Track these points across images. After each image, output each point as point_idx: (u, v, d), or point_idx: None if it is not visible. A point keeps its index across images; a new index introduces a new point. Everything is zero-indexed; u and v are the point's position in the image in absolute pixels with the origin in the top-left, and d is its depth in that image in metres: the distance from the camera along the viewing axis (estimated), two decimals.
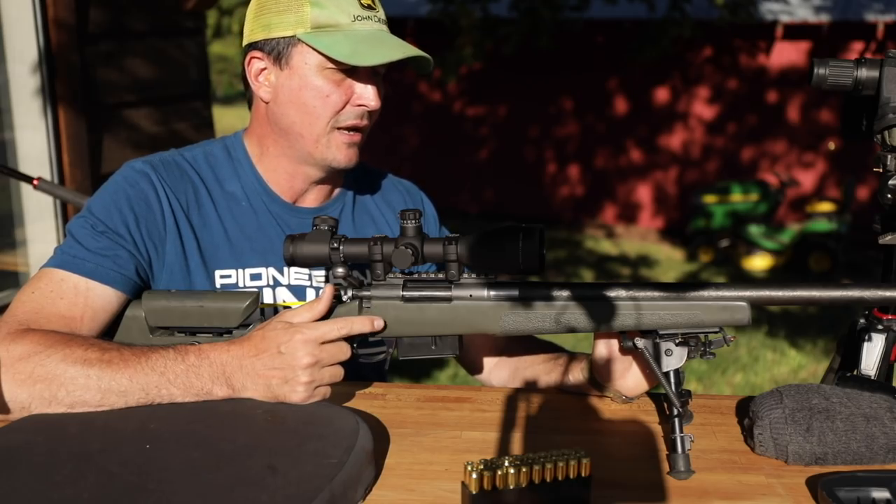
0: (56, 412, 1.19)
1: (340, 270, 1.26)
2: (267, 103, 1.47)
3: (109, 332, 1.36)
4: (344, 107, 1.42)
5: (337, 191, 1.59)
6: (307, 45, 1.39)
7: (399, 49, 1.39)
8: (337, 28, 1.39)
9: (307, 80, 1.41)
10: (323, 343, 1.23)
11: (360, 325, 1.26)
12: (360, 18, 1.40)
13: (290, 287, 1.49)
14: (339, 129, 1.43)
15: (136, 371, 1.20)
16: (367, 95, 1.42)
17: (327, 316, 1.27)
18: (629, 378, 1.32)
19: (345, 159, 1.45)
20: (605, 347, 1.32)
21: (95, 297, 1.33)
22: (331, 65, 1.39)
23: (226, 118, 13.82)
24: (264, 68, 1.45)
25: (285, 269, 1.49)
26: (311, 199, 1.55)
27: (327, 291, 1.27)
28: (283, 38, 1.41)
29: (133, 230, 1.39)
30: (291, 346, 1.21)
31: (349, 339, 1.27)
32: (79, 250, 1.35)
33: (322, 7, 1.38)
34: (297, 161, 1.48)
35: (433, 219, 1.68)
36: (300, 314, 1.25)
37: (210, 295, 1.35)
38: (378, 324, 1.27)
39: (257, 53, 1.44)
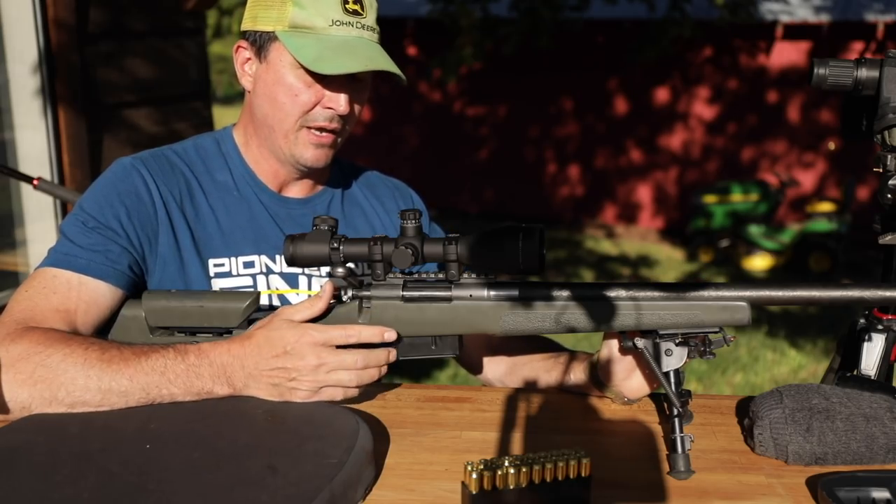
0: (56, 412, 1.20)
1: (341, 270, 1.26)
2: (249, 93, 1.51)
3: (105, 329, 1.36)
4: (313, 107, 1.44)
5: (324, 183, 1.61)
6: (282, 42, 1.41)
7: (363, 61, 1.39)
8: (311, 31, 1.40)
9: (281, 76, 1.43)
10: (331, 347, 1.24)
11: (369, 334, 1.26)
12: (338, 24, 1.41)
13: (282, 275, 1.51)
14: (308, 128, 1.45)
15: (137, 371, 1.20)
16: (338, 101, 1.43)
17: (326, 313, 1.27)
18: (633, 380, 1.32)
19: (312, 158, 1.47)
20: (612, 348, 1.32)
21: (88, 292, 1.34)
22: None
23: (226, 118, 13.78)
24: (249, 58, 1.49)
25: (277, 256, 1.51)
26: (297, 190, 1.57)
27: (327, 289, 1.27)
28: (265, 32, 1.44)
29: (125, 224, 1.39)
30: (299, 348, 1.22)
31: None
32: (70, 248, 1.36)
33: (302, 7, 1.40)
34: (272, 153, 1.51)
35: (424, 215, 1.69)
36: (301, 311, 1.26)
37: (210, 295, 1.35)
38: (389, 335, 1.26)
39: (244, 43, 1.49)
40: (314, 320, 1.26)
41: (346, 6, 1.41)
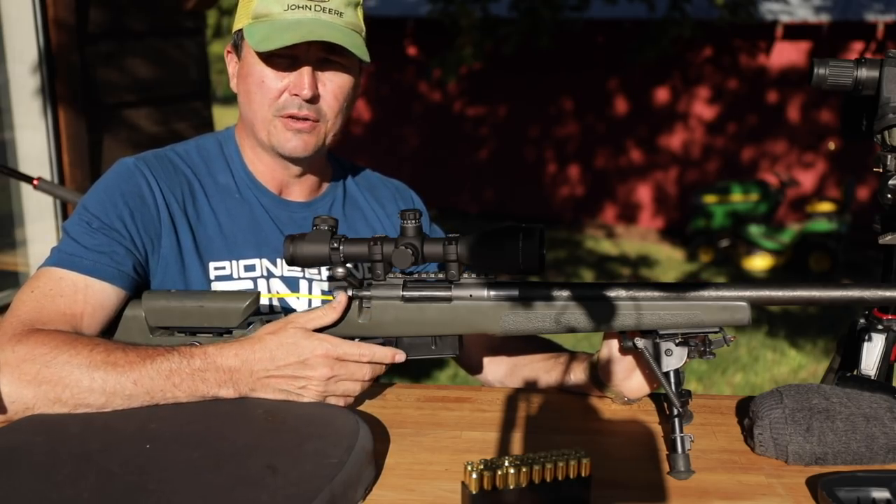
0: (60, 412, 1.19)
1: (341, 270, 1.26)
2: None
3: (109, 329, 1.36)
4: (281, 95, 1.44)
5: (325, 185, 1.60)
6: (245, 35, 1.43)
7: (303, 34, 1.37)
8: (268, 17, 1.41)
9: (250, 68, 1.45)
10: (344, 361, 1.24)
11: (382, 354, 1.27)
12: (294, 7, 1.41)
13: (283, 278, 1.50)
14: (280, 116, 1.45)
15: (142, 375, 1.20)
16: (299, 84, 1.42)
17: (339, 322, 1.27)
18: (633, 380, 1.32)
19: (291, 147, 1.46)
20: (612, 348, 1.32)
21: (94, 294, 1.33)
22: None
23: (226, 118, 13.78)
24: (236, 61, 1.51)
25: (278, 260, 1.50)
26: (298, 193, 1.56)
27: (341, 300, 1.27)
28: (238, 30, 1.47)
29: (129, 225, 1.39)
30: (313, 360, 1.23)
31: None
32: (76, 248, 1.36)
33: None
34: (264, 152, 1.51)
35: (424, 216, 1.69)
36: (314, 321, 1.26)
37: (210, 295, 1.35)
38: (399, 357, 1.28)
39: (229, 47, 1.52)
40: (323, 329, 1.27)
41: None
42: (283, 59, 1.41)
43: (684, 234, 9.68)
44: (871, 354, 1.38)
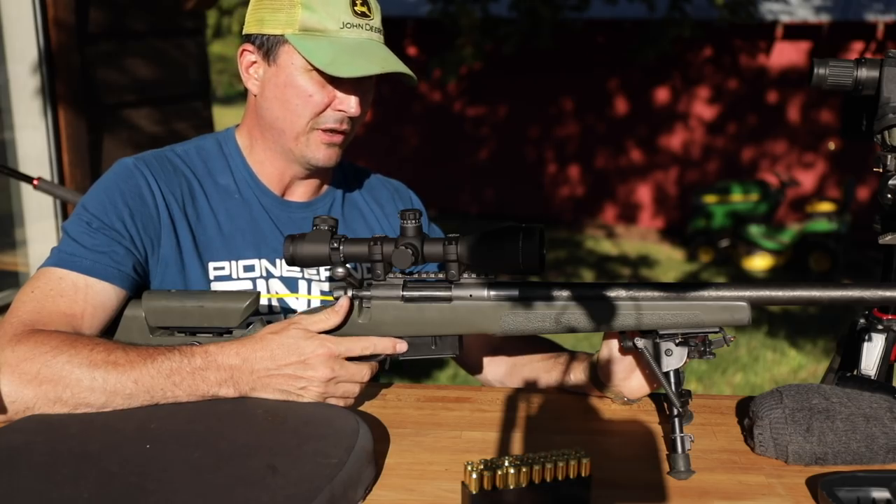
0: (60, 412, 1.20)
1: (341, 271, 1.26)
2: (255, 96, 1.50)
3: (110, 329, 1.36)
4: (325, 109, 1.44)
5: (325, 187, 1.61)
6: (293, 46, 1.41)
7: (379, 63, 1.40)
8: (324, 34, 1.40)
9: (292, 79, 1.43)
10: (345, 360, 1.25)
11: (384, 346, 1.27)
12: (349, 26, 1.41)
13: (282, 279, 1.51)
14: (318, 129, 1.45)
15: (142, 374, 1.20)
16: (348, 102, 1.43)
17: (342, 325, 1.28)
18: (633, 380, 1.32)
19: (324, 158, 1.47)
20: (612, 348, 1.32)
21: (95, 294, 1.34)
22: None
23: (226, 118, 13.80)
24: (255, 62, 1.48)
25: (278, 260, 1.51)
26: (300, 194, 1.57)
27: (343, 304, 1.27)
28: (273, 35, 1.43)
29: (129, 225, 1.39)
30: (314, 360, 1.23)
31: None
32: (76, 248, 1.36)
33: (312, 11, 1.40)
34: (280, 156, 1.50)
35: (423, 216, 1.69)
36: (318, 323, 1.26)
37: (210, 295, 1.35)
38: (401, 347, 1.28)
39: (249, 46, 1.48)
40: (326, 332, 1.27)
41: (355, 8, 1.42)
42: (323, 75, 1.41)
43: (684, 234, 9.68)
44: (871, 354, 1.38)
